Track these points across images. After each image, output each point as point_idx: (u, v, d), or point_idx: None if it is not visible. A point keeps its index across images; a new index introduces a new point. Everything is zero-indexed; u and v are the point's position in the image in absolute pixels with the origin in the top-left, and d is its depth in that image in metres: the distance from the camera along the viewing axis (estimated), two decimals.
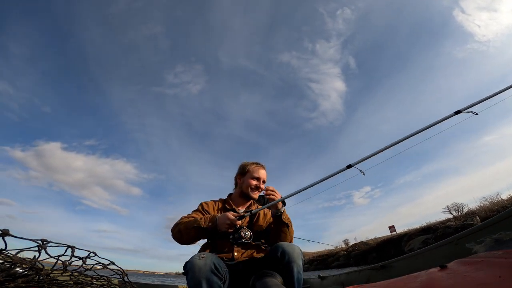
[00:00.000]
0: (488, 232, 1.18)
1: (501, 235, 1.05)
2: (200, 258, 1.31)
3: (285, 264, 1.38)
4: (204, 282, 1.27)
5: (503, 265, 0.77)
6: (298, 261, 1.40)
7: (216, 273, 1.31)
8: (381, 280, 1.02)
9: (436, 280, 0.82)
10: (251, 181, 1.86)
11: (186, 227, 1.59)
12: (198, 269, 1.27)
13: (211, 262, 1.31)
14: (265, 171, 1.97)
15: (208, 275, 1.28)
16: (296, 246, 1.46)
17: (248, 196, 1.85)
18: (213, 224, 1.53)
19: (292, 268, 1.37)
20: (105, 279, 1.29)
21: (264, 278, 1.21)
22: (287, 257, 1.38)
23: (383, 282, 0.98)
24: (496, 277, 0.69)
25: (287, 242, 1.49)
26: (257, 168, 1.90)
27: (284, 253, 1.39)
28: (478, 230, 1.31)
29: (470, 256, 1.02)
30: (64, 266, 1.05)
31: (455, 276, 0.81)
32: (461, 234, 1.45)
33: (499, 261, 0.82)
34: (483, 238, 1.13)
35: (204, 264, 1.29)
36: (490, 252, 0.98)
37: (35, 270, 1.01)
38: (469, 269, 0.83)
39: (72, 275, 1.16)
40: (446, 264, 0.94)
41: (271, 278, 1.22)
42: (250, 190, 1.84)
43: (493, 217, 1.25)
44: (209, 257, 1.33)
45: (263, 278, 1.22)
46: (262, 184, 1.89)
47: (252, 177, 1.88)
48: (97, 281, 1.27)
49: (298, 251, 1.42)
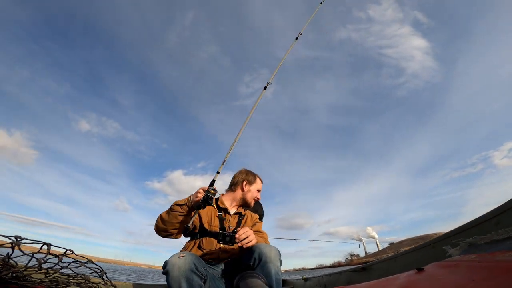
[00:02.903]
0: (463, 236, 1.23)
1: (475, 239, 1.10)
2: (180, 257, 1.29)
3: (262, 265, 1.39)
4: (184, 281, 1.25)
5: (477, 268, 0.80)
6: (276, 261, 1.41)
7: (196, 272, 1.30)
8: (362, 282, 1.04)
9: (413, 282, 0.85)
10: (255, 192, 2.00)
11: (166, 212, 1.61)
12: (178, 268, 1.26)
13: (191, 261, 1.30)
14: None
15: (188, 274, 1.26)
16: (274, 247, 1.48)
17: (249, 205, 1.96)
18: (189, 198, 1.58)
19: (270, 269, 1.38)
20: (82, 277, 1.24)
21: (248, 279, 1.21)
22: (264, 258, 1.39)
23: (363, 284, 1.00)
24: (470, 280, 0.72)
25: (264, 243, 1.50)
26: (260, 182, 2.09)
27: (261, 254, 1.40)
28: (454, 234, 1.36)
29: (446, 260, 1.06)
30: (39, 263, 1.00)
31: (430, 279, 0.84)
32: (438, 237, 1.50)
33: (473, 264, 0.86)
34: (458, 242, 1.18)
35: (184, 263, 1.28)
36: (465, 256, 1.02)
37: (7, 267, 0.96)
38: (445, 272, 0.86)
39: (48, 273, 1.11)
40: (423, 267, 0.97)
41: (255, 279, 1.22)
42: (252, 199, 1.96)
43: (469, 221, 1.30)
44: (189, 256, 1.32)
45: (247, 279, 1.22)
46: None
47: (257, 189, 2.03)
48: (73, 279, 1.22)
49: (275, 252, 1.44)
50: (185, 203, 1.55)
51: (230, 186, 2.02)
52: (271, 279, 1.37)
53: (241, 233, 1.44)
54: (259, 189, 2.05)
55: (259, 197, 2.03)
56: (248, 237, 1.44)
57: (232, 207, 1.91)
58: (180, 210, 1.54)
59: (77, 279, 1.24)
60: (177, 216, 1.55)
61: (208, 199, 1.46)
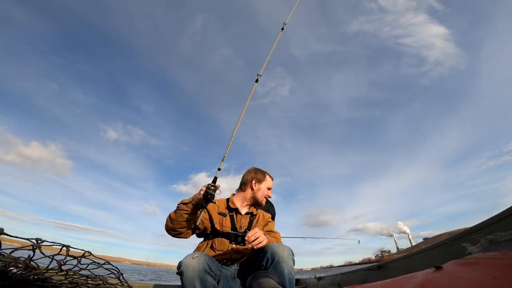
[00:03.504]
0: (483, 233, 1.19)
1: (496, 236, 1.05)
2: (194, 258, 1.31)
3: (275, 265, 1.38)
4: (198, 281, 1.27)
5: (498, 266, 0.77)
6: (289, 261, 1.40)
7: (210, 272, 1.31)
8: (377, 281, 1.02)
9: (431, 281, 0.83)
10: (266, 190, 1.98)
11: (174, 212, 1.62)
12: (192, 269, 1.27)
13: (205, 261, 1.32)
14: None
15: (201, 275, 1.28)
16: (287, 246, 1.47)
17: (260, 204, 1.94)
18: (193, 197, 1.57)
19: (283, 269, 1.38)
20: (100, 278, 1.28)
21: (260, 279, 1.21)
22: (277, 258, 1.39)
23: (379, 282, 0.98)
24: (491, 278, 0.70)
25: (276, 243, 1.50)
26: (271, 179, 2.04)
27: (274, 254, 1.40)
28: (473, 231, 1.31)
29: (465, 257, 1.02)
30: (59, 265, 1.04)
31: (450, 277, 0.82)
32: (456, 235, 1.46)
33: (493, 262, 0.83)
34: (478, 239, 1.14)
35: (198, 263, 1.29)
36: (485, 253, 0.99)
37: (29, 270, 1.00)
38: (464, 270, 0.83)
39: (67, 274, 1.15)
40: (441, 265, 0.94)
41: (267, 279, 1.22)
42: (263, 198, 1.94)
43: (489, 218, 1.25)
44: (202, 256, 1.34)
45: (259, 279, 1.22)
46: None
47: (269, 187, 2.00)
48: (92, 280, 1.26)
49: (288, 252, 1.43)
50: (190, 201, 1.57)
51: (240, 185, 2.01)
52: (284, 278, 1.36)
53: (250, 235, 1.43)
54: (270, 187, 2.02)
55: (270, 195, 2.00)
56: (258, 238, 1.43)
57: (243, 207, 1.90)
58: (186, 208, 1.56)
59: (95, 280, 1.27)
60: (183, 214, 1.57)
61: (208, 195, 1.44)
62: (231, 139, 1.76)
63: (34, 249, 0.96)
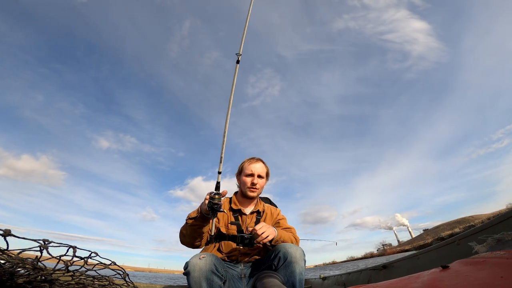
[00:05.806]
0: (490, 232, 1.18)
1: (503, 235, 1.04)
2: (201, 258, 1.31)
3: (287, 265, 1.38)
4: (204, 282, 1.27)
5: (505, 265, 0.77)
6: (301, 261, 1.40)
7: (217, 273, 1.32)
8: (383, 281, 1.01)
9: (438, 280, 0.82)
10: (246, 179, 1.83)
11: (185, 227, 1.60)
12: (199, 269, 1.28)
13: (212, 262, 1.32)
14: (262, 163, 1.89)
15: (208, 275, 1.28)
16: (299, 247, 1.46)
17: (249, 197, 1.83)
18: (199, 209, 1.51)
19: (295, 269, 1.38)
20: (107, 279, 1.29)
21: (265, 279, 1.22)
22: (290, 258, 1.39)
23: (385, 282, 0.97)
24: (498, 277, 0.69)
25: (289, 243, 1.49)
26: (248, 164, 1.86)
27: (287, 254, 1.40)
28: (480, 230, 1.30)
29: (472, 257, 1.01)
30: (66, 266, 1.05)
31: (457, 277, 0.81)
32: (463, 234, 1.44)
33: (501, 261, 0.82)
34: (485, 238, 1.12)
35: (205, 263, 1.29)
36: (492, 252, 0.98)
37: (37, 270, 1.01)
38: (471, 269, 0.83)
39: (74, 275, 1.16)
40: (448, 265, 0.93)
41: (272, 279, 1.22)
42: (247, 189, 1.81)
43: (496, 217, 1.24)
44: (209, 257, 1.34)
45: (264, 279, 1.22)
46: (258, 178, 1.83)
47: (246, 174, 1.84)
48: (98, 281, 1.27)
49: (300, 252, 1.43)
50: (197, 215, 1.50)
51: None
52: (295, 279, 1.36)
53: (258, 228, 1.43)
54: (248, 173, 1.83)
55: (255, 181, 1.80)
56: (265, 232, 1.43)
57: (245, 205, 1.88)
58: (196, 223, 1.51)
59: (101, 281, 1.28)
60: (196, 229, 1.53)
61: (214, 206, 1.33)
62: (224, 133, 1.58)
63: (42, 250, 0.97)
